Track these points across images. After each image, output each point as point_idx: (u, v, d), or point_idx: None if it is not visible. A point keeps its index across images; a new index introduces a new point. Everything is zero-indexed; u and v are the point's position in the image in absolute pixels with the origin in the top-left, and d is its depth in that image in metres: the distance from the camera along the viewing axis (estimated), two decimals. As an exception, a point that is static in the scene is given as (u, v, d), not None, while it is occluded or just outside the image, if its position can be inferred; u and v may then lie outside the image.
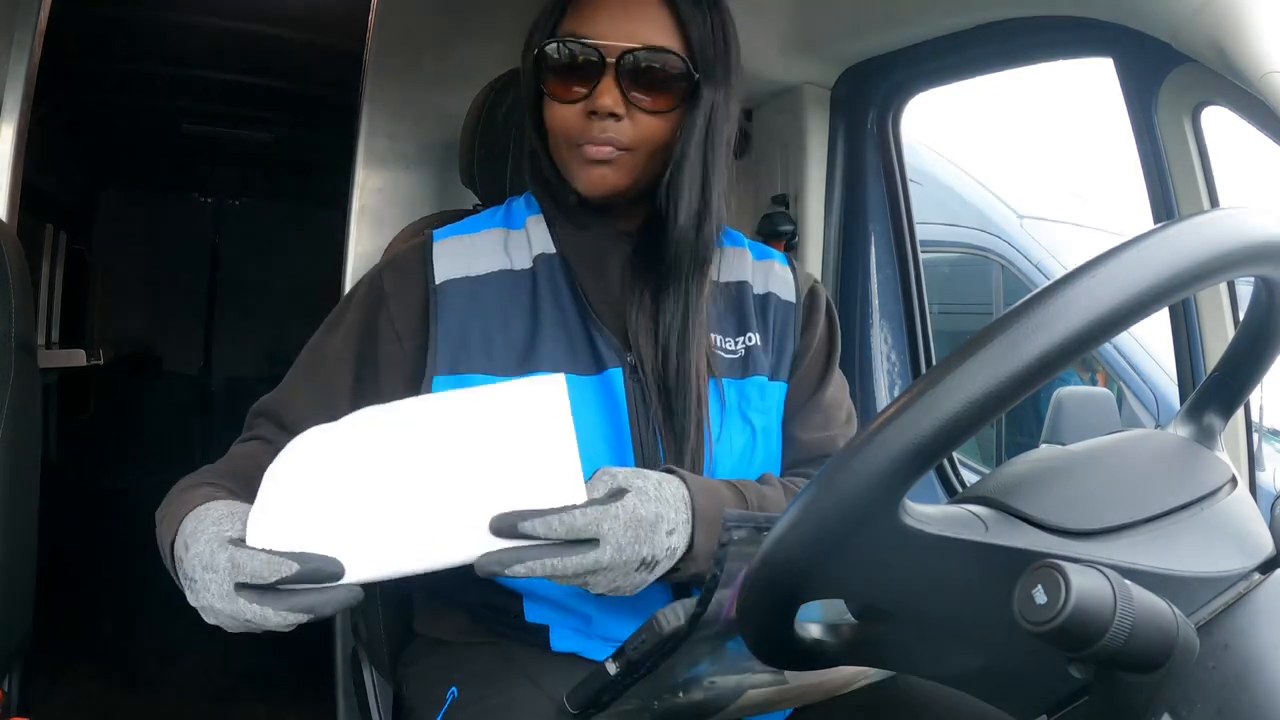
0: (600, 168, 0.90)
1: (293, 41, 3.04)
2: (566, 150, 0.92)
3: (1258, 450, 1.19)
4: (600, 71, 0.88)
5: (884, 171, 1.65)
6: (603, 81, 0.88)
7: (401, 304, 0.94)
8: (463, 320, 0.92)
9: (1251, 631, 0.56)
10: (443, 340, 0.91)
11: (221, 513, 0.75)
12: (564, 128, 0.90)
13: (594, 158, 0.89)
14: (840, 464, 0.51)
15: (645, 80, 0.88)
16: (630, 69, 0.88)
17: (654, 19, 0.89)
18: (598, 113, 0.88)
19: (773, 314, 1.01)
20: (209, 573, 0.71)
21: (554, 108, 0.91)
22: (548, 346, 0.92)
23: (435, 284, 0.93)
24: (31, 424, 1.29)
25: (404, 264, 0.97)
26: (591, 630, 0.92)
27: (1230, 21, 0.94)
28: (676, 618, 0.68)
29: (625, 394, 0.91)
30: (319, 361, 0.96)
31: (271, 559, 0.70)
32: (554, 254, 0.96)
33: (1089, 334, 0.48)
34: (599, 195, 0.92)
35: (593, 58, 0.88)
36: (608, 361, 0.92)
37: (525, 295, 0.94)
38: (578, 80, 0.89)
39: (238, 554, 0.71)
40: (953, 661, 0.60)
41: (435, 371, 0.91)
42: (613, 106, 0.87)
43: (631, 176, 0.91)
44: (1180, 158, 1.13)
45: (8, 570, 1.21)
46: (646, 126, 0.89)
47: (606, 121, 0.88)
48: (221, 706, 2.49)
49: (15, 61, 1.59)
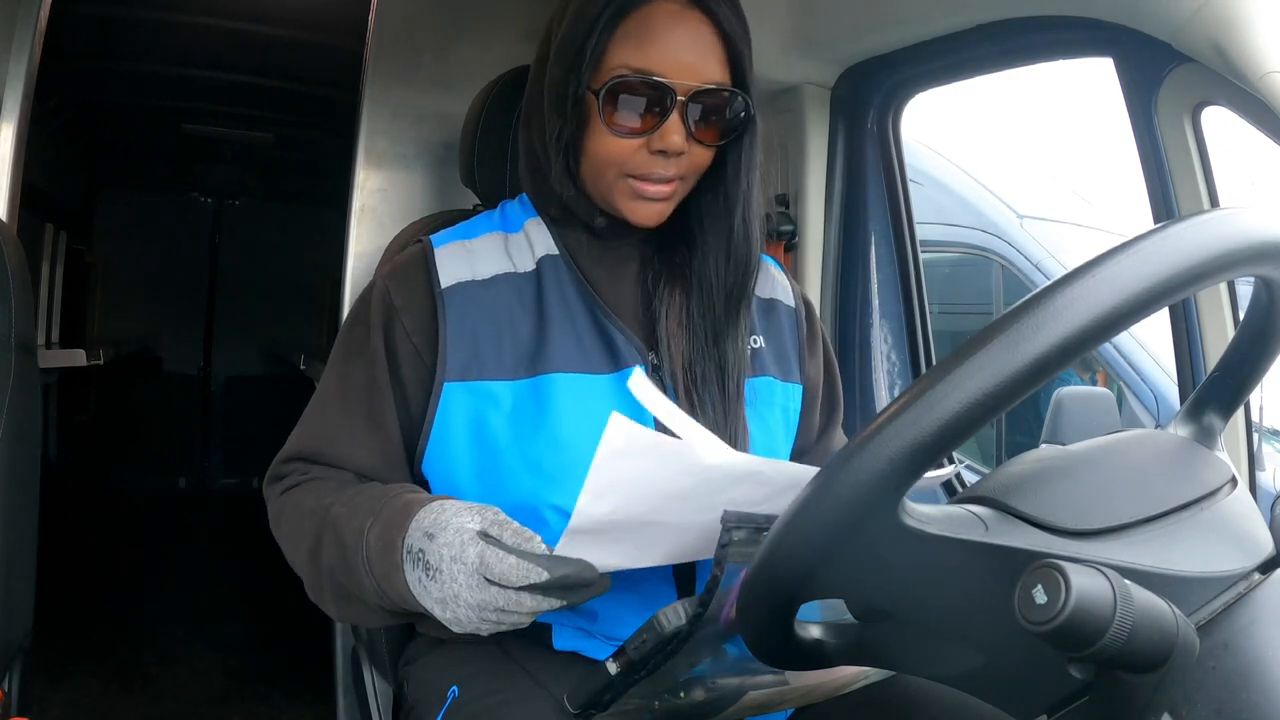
0: (659, 204, 0.91)
1: (293, 41, 3.04)
2: (615, 180, 0.91)
3: (1258, 450, 1.19)
4: (669, 109, 0.87)
5: (884, 171, 1.65)
6: (671, 120, 0.87)
7: (413, 316, 0.93)
8: (470, 325, 0.92)
9: (1251, 631, 0.56)
10: (452, 345, 0.91)
11: (459, 506, 0.76)
12: (618, 159, 0.90)
13: (654, 196, 0.90)
14: (840, 464, 0.51)
15: (707, 117, 0.89)
16: (696, 107, 0.88)
17: (713, 53, 0.88)
18: (665, 151, 0.88)
19: (780, 319, 1.03)
20: (458, 564, 0.72)
21: (608, 139, 0.89)
22: (556, 345, 0.91)
23: (441, 288, 0.92)
24: (31, 424, 1.29)
25: (406, 273, 0.95)
26: (593, 629, 0.92)
27: (1230, 21, 0.94)
28: (678, 617, 0.68)
29: None
30: (351, 390, 0.94)
31: (521, 564, 0.70)
32: (558, 255, 0.96)
33: (1089, 334, 0.48)
34: (649, 225, 0.93)
35: (663, 96, 0.87)
36: (627, 359, 0.92)
37: (531, 297, 0.94)
38: (643, 116, 0.88)
39: (487, 552, 0.71)
40: (953, 661, 0.60)
41: (446, 378, 0.90)
42: (681, 145, 0.88)
43: (677, 204, 0.93)
44: (1180, 158, 1.13)
45: (8, 570, 1.21)
46: (700, 158, 0.91)
47: (670, 159, 0.89)
48: (221, 707, 2.49)
49: (15, 61, 1.59)
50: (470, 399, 0.90)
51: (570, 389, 0.90)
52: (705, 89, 0.87)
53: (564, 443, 0.88)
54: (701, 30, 0.88)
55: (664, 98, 0.87)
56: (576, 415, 0.89)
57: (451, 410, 0.90)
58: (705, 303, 0.94)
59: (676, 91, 0.87)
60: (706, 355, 0.93)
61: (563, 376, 0.90)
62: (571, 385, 0.90)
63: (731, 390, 0.93)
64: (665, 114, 0.87)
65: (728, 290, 0.94)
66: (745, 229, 0.94)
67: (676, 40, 0.87)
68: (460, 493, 0.92)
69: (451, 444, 0.91)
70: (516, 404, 0.90)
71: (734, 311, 0.95)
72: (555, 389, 0.90)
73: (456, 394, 0.90)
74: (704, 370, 0.93)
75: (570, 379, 0.90)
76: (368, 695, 1.21)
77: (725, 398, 0.93)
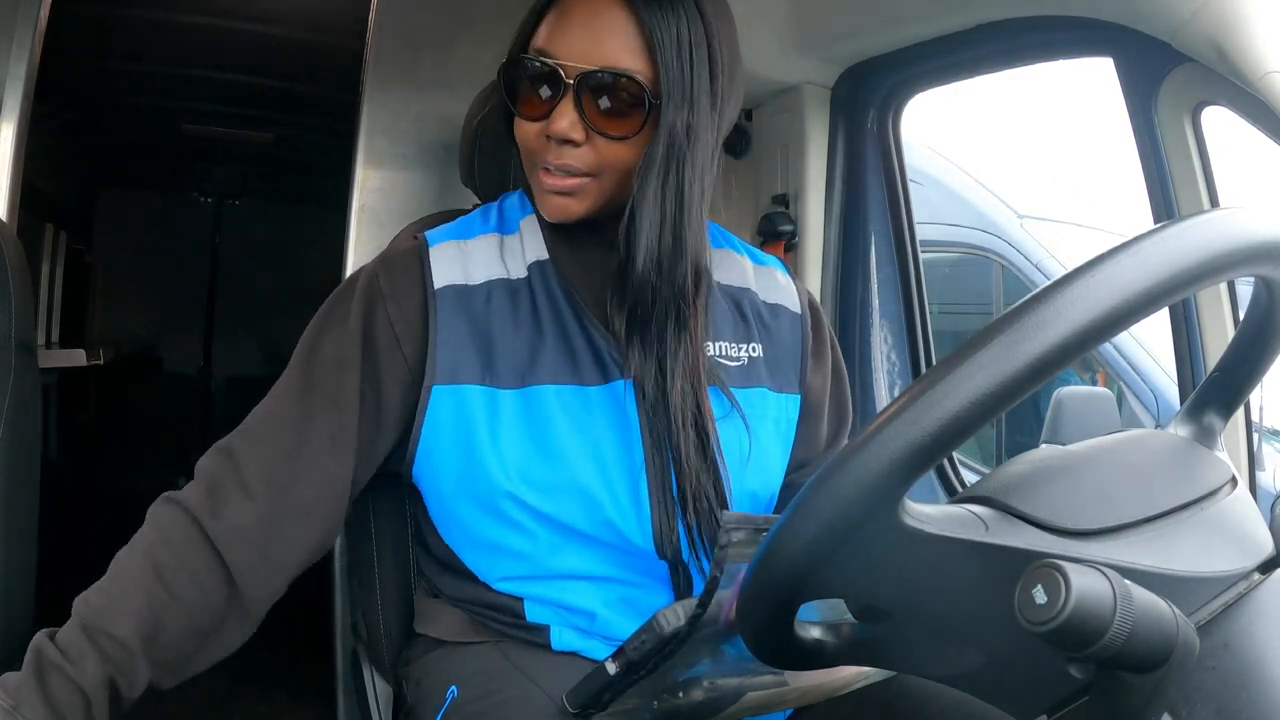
0: (560, 197, 0.87)
1: (293, 41, 3.04)
2: (529, 169, 0.90)
3: (1258, 450, 1.19)
4: (559, 93, 0.84)
5: (884, 171, 1.65)
6: (561, 104, 0.84)
7: (399, 306, 0.90)
8: (461, 329, 0.90)
9: (1251, 631, 0.56)
10: (441, 348, 0.89)
11: None
12: (526, 146, 0.88)
13: (553, 189, 0.87)
14: (840, 464, 0.51)
15: (606, 104, 0.84)
16: (590, 92, 0.83)
17: (621, 38, 0.83)
18: (553, 136, 0.85)
19: (782, 326, 0.99)
20: None
21: (519, 124, 0.88)
22: (549, 358, 0.90)
23: (434, 288, 0.90)
24: (31, 424, 1.29)
25: (399, 265, 0.93)
26: (592, 630, 0.92)
27: (1230, 21, 0.94)
28: (677, 618, 0.68)
29: (636, 406, 0.89)
30: (318, 366, 0.89)
31: None
32: (547, 260, 0.94)
33: (1089, 334, 0.48)
34: (560, 221, 0.90)
35: (551, 78, 0.84)
36: (614, 373, 0.90)
37: (524, 306, 0.92)
38: (539, 99, 0.85)
39: None
40: (953, 661, 0.60)
41: (434, 380, 0.89)
42: (568, 131, 0.84)
43: (597, 203, 0.88)
44: (1180, 158, 1.13)
45: (8, 570, 1.21)
46: (609, 152, 0.85)
47: (564, 147, 0.85)
48: (221, 706, 2.49)
49: (15, 61, 1.59)
50: (458, 403, 0.89)
51: (560, 400, 0.89)
52: (593, 72, 0.83)
53: (554, 454, 0.88)
54: (608, 14, 0.84)
55: (552, 81, 0.84)
56: (566, 427, 0.88)
57: (439, 415, 0.89)
58: (658, 329, 0.88)
59: (564, 74, 0.83)
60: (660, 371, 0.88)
61: (552, 388, 0.89)
62: (561, 397, 0.89)
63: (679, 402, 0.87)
64: (557, 98, 0.84)
65: (664, 301, 0.87)
66: (672, 238, 0.85)
67: (576, 21, 0.84)
68: (445, 498, 0.91)
69: (438, 449, 0.90)
70: (505, 413, 0.88)
71: (670, 322, 0.88)
72: (544, 400, 0.89)
73: (444, 398, 0.89)
74: (659, 384, 0.88)
75: (559, 390, 0.89)
76: (368, 695, 1.21)
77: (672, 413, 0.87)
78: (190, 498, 0.85)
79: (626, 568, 0.91)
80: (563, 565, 0.90)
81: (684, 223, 0.86)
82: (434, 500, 0.94)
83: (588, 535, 0.89)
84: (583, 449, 0.88)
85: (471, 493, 0.89)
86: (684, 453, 0.88)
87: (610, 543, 0.89)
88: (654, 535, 0.89)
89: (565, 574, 0.91)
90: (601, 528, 0.89)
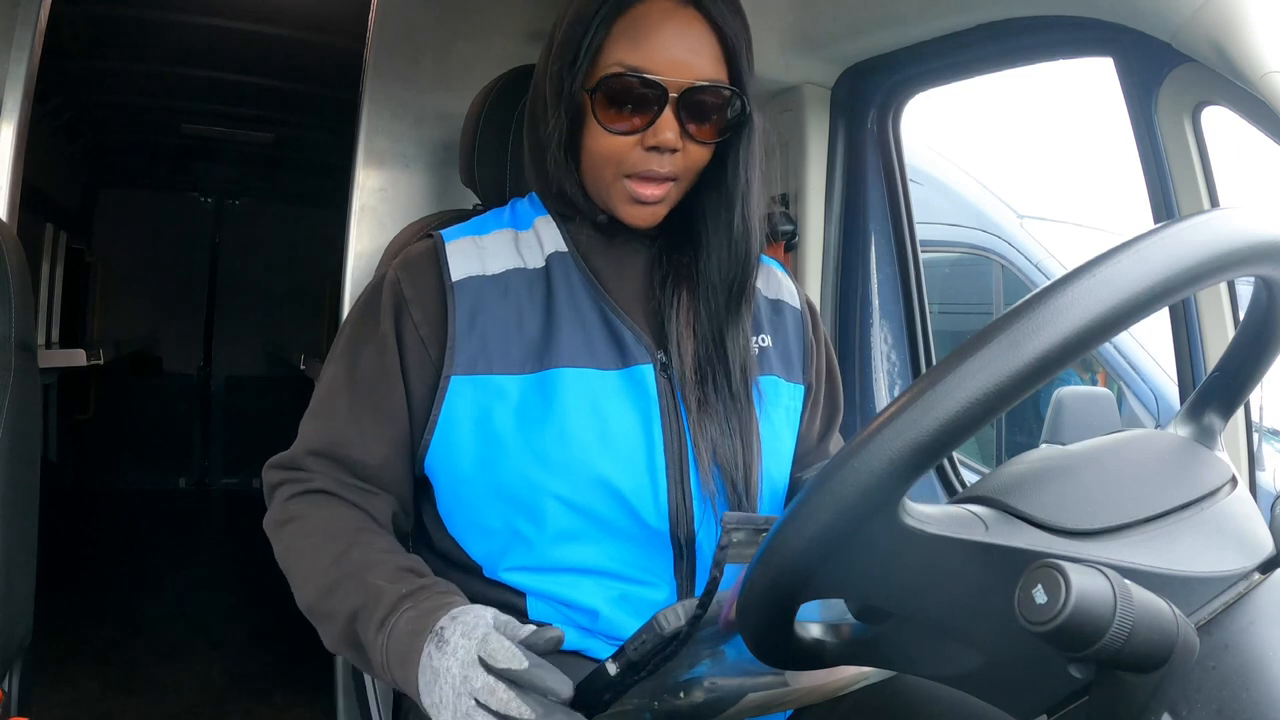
0: (651, 207, 0.92)
1: (293, 41, 3.05)
2: (612, 178, 0.92)
3: (1258, 450, 1.19)
4: (661, 106, 0.88)
5: (884, 171, 1.65)
6: (663, 116, 0.88)
7: (422, 308, 0.93)
8: (479, 318, 0.92)
9: (1251, 631, 0.56)
10: (460, 339, 0.91)
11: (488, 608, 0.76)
12: (614, 157, 0.91)
13: (648, 199, 0.91)
14: (840, 464, 0.51)
15: (701, 114, 0.89)
16: (689, 104, 0.88)
17: (707, 50, 0.89)
18: (659, 148, 0.89)
19: (786, 320, 1.03)
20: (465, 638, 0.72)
21: (602, 137, 0.90)
22: (564, 341, 0.92)
23: (451, 281, 0.93)
24: (31, 424, 1.30)
25: (418, 265, 0.96)
26: (594, 629, 0.92)
27: (1230, 21, 0.94)
28: (677, 618, 0.68)
29: (657, 390, 0.92)
30: (361, 381, 0.93)
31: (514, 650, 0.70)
32: (567, 252, 0.96)
33: (1089, 334, 0.48)
34: (646, 226, 0.94)
35: (655, 93, 0.88)
36: (636, 357, 0.93)
37: (540, 293, 0.94)
38: (636, 113, 0.89)
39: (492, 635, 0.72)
40: (953, 661, 0.60)
41: (452, 370, 0.91)
42: (674, 142, 0.89)
43: (674, 204, 0.94)
44: (1180, 158, 1.13)
45: (8, 570, 1.22)
46: (695, 156, 0.91)
47: (665, 156, 0.89)
48: (221, 707, 2.49)
49: (15, 61, 1.59)
50: (476, 392, 0.90)
51: (578, 383, 0.90)
52: (697, 86, 0.88)
53: (570, 436, 0.89)
54: (695, 27, 0.89)
55: (656, 95, 0.88)
56: (583, 409, 0.90)
57: (457, 404, 0.91)
58: (710, 301, 0.95)
59: (669, 89, 0.88)
60: (714, 355, 0.94)
61: (570, 371, 0.91)
62: (579, 380, 0.91)
63: (739, 390, 0.94)
64: (658, 111, 0.88)
65: (729, 287, 0.95)
66: (745, 225, 0.95)
67: (669, 37, 0.88)
68: (459, 485, 0.92)
69: (456, 437, 0.91)
70: (523, 397, 0.90)
71: (736, 308, 0.96)
72: (563, 383, 0.90)
73: (463, 387, 0.90)
74: (712, 370, 0.94)
75: (578, 373, 0.91)
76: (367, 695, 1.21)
77: (734, 397, 0.94)
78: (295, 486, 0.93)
79: (632, 562, 0.91)
80: (568, 558, 0.91)
81: (751, 211, 0.95)
82: (446, 489, 0.94)
83: (600, 518, 0.90)
84: (598, 430, 0.90)
85: (487, 477, 0.90)
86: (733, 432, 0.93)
87: (621, 527, 0.90)
88: (669, 514, 0.90)
89: (570, 567, 0.91)
90: (616, 509, 0.89)
